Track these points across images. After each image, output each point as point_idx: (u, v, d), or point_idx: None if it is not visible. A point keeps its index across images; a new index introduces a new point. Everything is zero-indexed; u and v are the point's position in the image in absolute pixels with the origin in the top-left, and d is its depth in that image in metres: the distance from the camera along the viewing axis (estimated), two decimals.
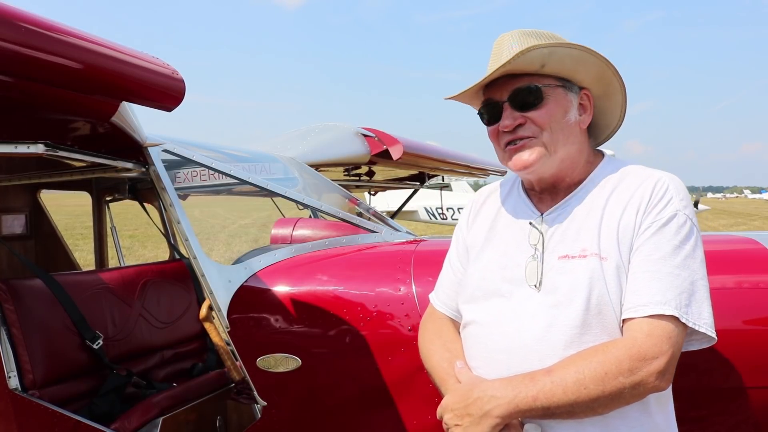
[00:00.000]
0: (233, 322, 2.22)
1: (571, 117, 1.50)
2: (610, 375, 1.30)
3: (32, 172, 2.94)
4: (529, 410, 1.33)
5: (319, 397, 2.22)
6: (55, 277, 2.88)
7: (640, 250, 1.40)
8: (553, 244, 1.48)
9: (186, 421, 2.80)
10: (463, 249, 1.69)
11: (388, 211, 10.54)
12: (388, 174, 5.73)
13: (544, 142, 1.47)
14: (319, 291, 2.22)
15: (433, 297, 1.77)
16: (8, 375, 2.48)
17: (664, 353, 1.32)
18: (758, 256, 2.11)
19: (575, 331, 1.38)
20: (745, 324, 1.96)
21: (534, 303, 1.45)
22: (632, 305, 1.37)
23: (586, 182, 1.53)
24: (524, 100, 1.47)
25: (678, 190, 1.44)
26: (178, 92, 2.07)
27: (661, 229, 1.39)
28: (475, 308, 1.56)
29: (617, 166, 1.55)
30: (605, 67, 1.51)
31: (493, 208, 1.66)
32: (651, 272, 1.37)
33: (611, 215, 1.45)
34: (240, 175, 2.68)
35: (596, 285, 1.39)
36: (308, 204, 2.85)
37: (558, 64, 1.47)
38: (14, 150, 1.97)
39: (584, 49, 1.46)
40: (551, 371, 1.34)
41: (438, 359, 1.59)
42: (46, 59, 1.66)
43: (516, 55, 1.40)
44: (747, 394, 1.92)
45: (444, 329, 1.68)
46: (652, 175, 1.48)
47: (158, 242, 15.15)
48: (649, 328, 1.33)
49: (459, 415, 1.39)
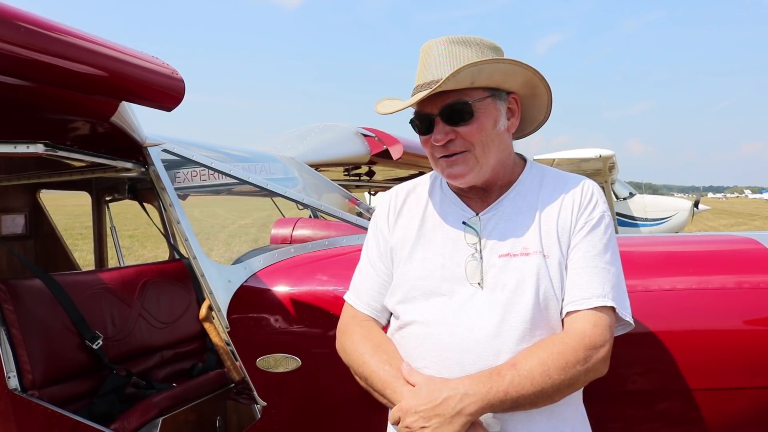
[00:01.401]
0: (233, 322, 2.21)
1: (500, 126, 1.54)
2: (570, 364, 1.38)
3: (32, 172, 2.94)
4: (500, 404, 1.35)
5: (319, 397, 2.22)
6: (54, 277, 2.88)
7: (578, 247, 1.50)
8: (492, 243, 1.52)
9: (186, 421, 2.80)
10: (385, 250, 1.66)
11: None
12: (388, 174, 5.74)
13: (476, 155, 1.51)
14: (319, 291, 2.22)
15: (351, 298, 1.72)
16: (8, 375, 2.48)
17: (607, 341, 1.44)
18: (758, 256, 2.11)
19: (527, 326, 1.44)
20: (745, 324, 1.96)
21: (480, 301, 1.48)
22: (576, 298, 1.46)
23: (516, 184, 1.59)
24: (455, 115, 1.49)
25: (600, 194, 1.58)
26: (178, 92, 2.07)
27: (593, 229, 1.51)
28: (414, 308, 1.54)
29: (540, 169, 1.65)
30: (531, 74, 1.55)
31: (418, 208, 1.65)
32: (590, 268, 1.47)
33: (548, 215, 1.53)
34: (240, 175, 2.67)
35: (542, 281, 1.46)
36: (308, 204, 2.84)
37: (487, 79, 1.49)
38: (14, 150, 1.96)
39: (512, 62, 1.50)
40: (516, 365, 1.38)
41: (376, 362, 1.53)
42: (46, 59, 1.66)
43: (447, 79, 1.41)
44: (747, 394, 1.92)
45: (373, 331, 1.63)
46: (574, 177, 1.61)
47: (158, 242, 15.16)
48: (595, 320, 1.44)
49: (426, 416, 1.36)
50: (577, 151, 13.17)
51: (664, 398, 1.98)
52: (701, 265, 2.10)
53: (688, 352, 1.93)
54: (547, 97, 1.62)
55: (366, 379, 1.56)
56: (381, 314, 1.67)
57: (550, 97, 1.63)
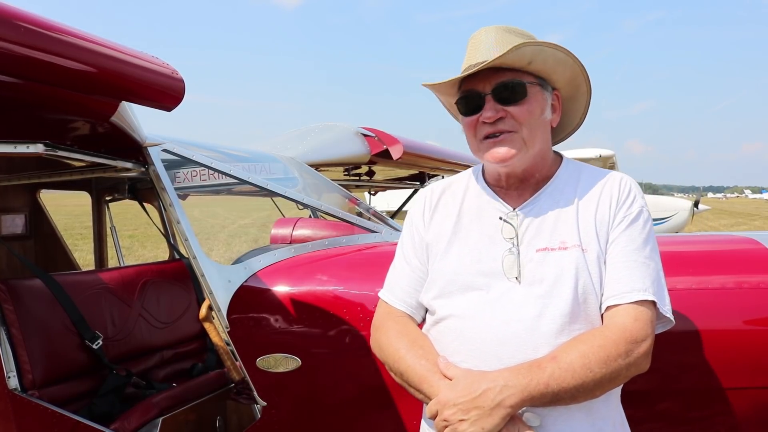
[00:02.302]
0: (233, 322, 2.22)
1: (546, 115, 1.58)
2: (611, 357, 1.36)
3: (32, 172, 2.94)
4: (540, 397, 1.34)
5: (319, 397, 2.22)
6: (54, 277, 2.88)
7: (617, 242, 1.49)
8: (529, 238, 1.52)
9: (186, 421, 2.80)
10: (421, 246, 1.67)
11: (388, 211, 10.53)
12: (388, 174, 5.74)
13: (523, 137, 1.52)
14: (319, 291, 2.22)
15: (387, 295, 1.71)
16: (8, 375, 2.48)
17: (649, 336, 1.42)
18: (758, 256, 2.12)
19: (565, 320, 1.43)
20: (745, 324, 1.96)
21: (518, 294, 1.47)
22: (617, 292, 1.45)
23: (553, 179, 1.60)
24: (508, 94, 1.51)
25: (638, 189, 1.57)
26: (178, 92, 2.07)
27: (632, 224, 1.51)
28: (451, 303, 1.54)
29: (577, 166, 1.65)
30: (579, 71, 1.59)
31: (454, 204, 1.66)
32: (630, 261, 1.47)
33: (586, 209, 1.53)
34: (240, 175, 2.67)
35: (581, 275, 1.45)
36: (308, 204, 2.84)
37: (542, 63, 1.53)
38: (14, 150, 1.96)
39: (567, 51, 1.53)
40: (556, 357, 1.37)
41: (413, 357, 1.51)
42: (46, 59, 1.66)
43: (512, 49, 1.44)
44: (747, 394, 1.92)
45: (409, 327, 1.62)
46: (612, 173, 1.60)
47: (158, 242, 15.15)
48: (636, 313, 1.42)
49: (464, 409, 1.34)
50: (577, 150, 13.18)
51: (664, 398, 1.98)
52: (701, 265, 2.10)
53: (688, 352, 1.93)
54: (584, 102, 1.66)
55: (402, 375, 1.54)
56: (416, 311, 1.66)
57: (588, 103, 1.66)
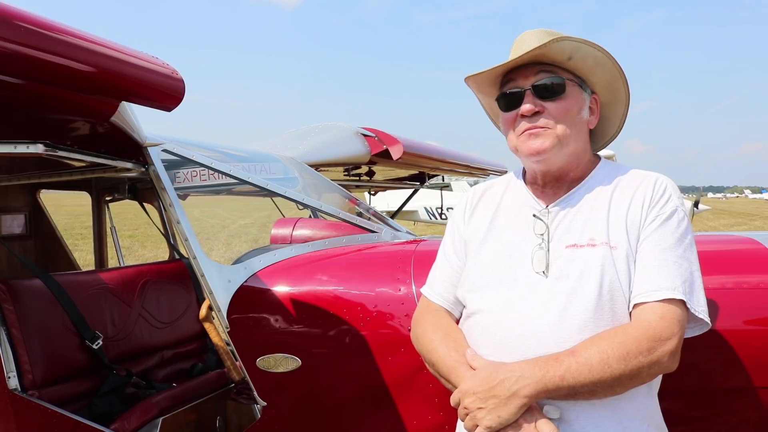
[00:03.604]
0: (233, 322, 2.21)
1: (584, 115, 1.60)
2: (632, 354, 1.36)
3: (32, 172, 2.94)
4: (556, 389, 1.35)
5: (319, 397, 2.22)
6: (54, 277, 2.88)
7: (647, 240, 1.49)
8: (560, 234, 1.54)
9: (186, 421, 2.80)
10: (460, 243, 1.72)
11: (388, 211, 10.54)
12: (388, 174, 5.73)
13: (558, 134, 1.54)
14: (319, 291, 2.22)
15: (427, 290, 1.78)
16: (8, 375, 2.48)
17: (675, 334, 1.40)
18: (758, 256, 2.11)
19: (589, 316, 1.44)
20: (745, 324, 1.96)
21: (544, 289, 1.49)
22: (644, 290, 1.44)
23: (588, 179, 1.62)
24: (547, 90, 1.54)
25: (675, 189, 1.56)
26: (178, 92, 2.07)
27: (665, 222, 1.50)
28: (480, 297, 1.58)
29: (615, 167, 1.65)
30: (618, 75, 1.61)
31: (493, 203, 1.70)
32: (660, 260, 1.46)
33: (617, 209, 1.54)
34: (240, 175, 2.67)
35: (608, 271, 1.46)
36: (308, 204, 2.84)
37: (582, 61, 1.56)
38: (14, 150, 1.96)
39: (607, 53, 1.56)
40: (575, 352, 1.38)
41: (444, 349, 1.57)
42: (46, 59, 1.66)
43: (552, 40, 1.48)
44: (747, 394, 1.92)
45: (443, 321, 1.68)
46: (649, 174, 1.60)
47: (158, 242, 15.15)
48: (662, 312, 1.41)
49: (483, 398, 1.38)
50: None
51: (664, 398, 1.97)
52: (701, 265, 2.10)
53: (688, 352, 1.92)
54: (623, 108, 1.67)
55: (434, 365, 1.59)
56: (454, 306, 1.71)
57: (626, 109, 1.68)
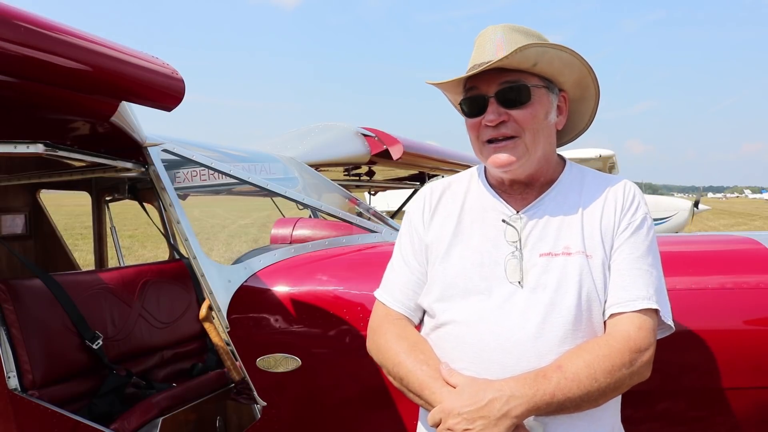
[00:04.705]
0: (233, 322, 2.21)
1: (551, 118, 1.54)
2: (616, 367, 1.36)
3: (32, 172, 2.94)
4: (546, 407, 1.33)
5: (319, 398, 2.22)
6: (54, 277, 2.88)
7: (621, 249, 1.48)
8: (533, 242, 1.49)
9: (186, 421, 2.80)
10: (420, 247, 1.62)
11: (388, 211, 10.53)
12: (388, 174, 5.73)
13: (526, 143, 1.49)
14: (319, 291, 2.22)
15: (384, 296, 1.66)
16: (7, 375, 2.48)
17: (651, 344, 1.42)
18: (758, 256, 2.11)
19: (569, 327, 1.42)
20: (745, 324, 1.96)
21: (521, 300, 1.45)
22: (621, 300, 1.44)
23: (557, 182, 1.57)
24: (511, 97, 1.48)
25: (641, 194, 1.56)
26: (178, 92, 2.07)
27: (637, 231, 1.49)
28: (452, 307, 1.51)
29: (580, 170, 1.63)
30: (587, 72, 1.56)
31: (455, 205, 1.62)
32: (634, 269, 1.46)
33: (591, 215, 1.51)
34: (240, 175, 2.67)
35: (585, 281, 1.44)
36: (308, 204, 2.84)
37: (548, 65, 1.49)
38: (14, 150, 1.96)
39: (573, 53, 1.50)
40: (561, 367, 1.35)
41: (413, 362, 1.48)
42: (46, 59, 1.66)
43: (516, 50, 1.41)
44: (747, 394, 1.92)
45: (407, 330, 1.58)
46: (613, 178, 1.59)
47: (158, 242, 15.15)
48: (639, 322, 1.42)
49: (469, 418, 1.32)
50: (577, 150, 13.18)
51: (664, 398, 1.98)
52: (701, 265, 2.10)
53: (688, 352, 1.93)
54: (593, 104, 1.64)
55: (401, 380, 1.50)
56: (414, 313, 1.63)
57: (596, 105, 1.64)
